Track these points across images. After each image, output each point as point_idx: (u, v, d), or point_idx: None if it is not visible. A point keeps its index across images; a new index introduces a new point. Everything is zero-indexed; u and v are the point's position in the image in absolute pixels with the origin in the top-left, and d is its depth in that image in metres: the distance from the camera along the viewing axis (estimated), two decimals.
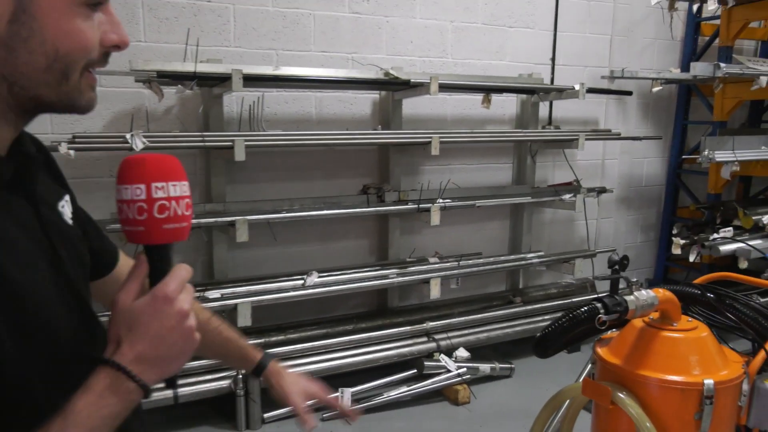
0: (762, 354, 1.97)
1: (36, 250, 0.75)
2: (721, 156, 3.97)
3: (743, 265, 3.79)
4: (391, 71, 3.40)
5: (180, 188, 0.77)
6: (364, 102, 3.71)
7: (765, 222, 3.37)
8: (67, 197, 0.89)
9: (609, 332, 2.17)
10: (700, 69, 3.96)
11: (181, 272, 0.77)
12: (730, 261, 4.14)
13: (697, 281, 2.31)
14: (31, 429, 0.66)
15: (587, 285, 4.49)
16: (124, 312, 0.74)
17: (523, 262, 4.10)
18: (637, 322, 2.00)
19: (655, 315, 2.00)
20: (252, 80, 2.97)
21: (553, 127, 4.28)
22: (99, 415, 0.68)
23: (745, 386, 1.90)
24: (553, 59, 4.27)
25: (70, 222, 0.86)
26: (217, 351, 1.20)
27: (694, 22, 4.72)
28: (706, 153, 3.98)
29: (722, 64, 3.89)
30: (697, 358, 1.85)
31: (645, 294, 1.84)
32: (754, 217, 3.46)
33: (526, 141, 4.10)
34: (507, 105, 4.20)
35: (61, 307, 0.76)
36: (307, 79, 3.18)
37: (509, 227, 4.44)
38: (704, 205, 4.74)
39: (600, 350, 2.01)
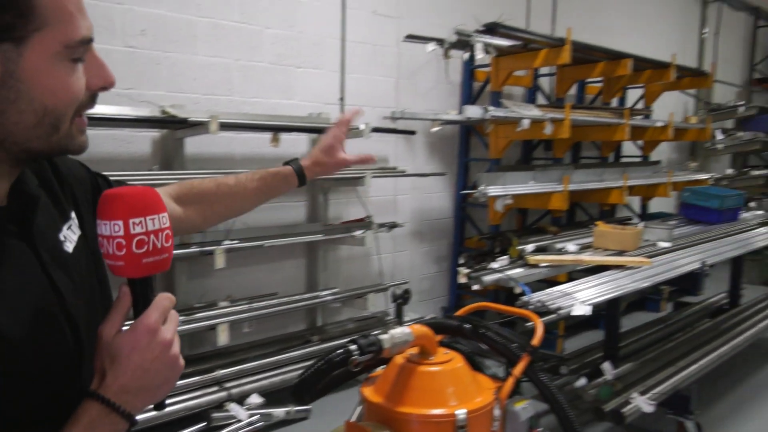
0: (511, 379, 2.12)
1: (30, 292, 0.75)
2: (493, 191, 4.33)
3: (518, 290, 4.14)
4: (169, 109, 3.26)
5: (159, 221, 0.78)
6: (142, 141, 3.51)
7: (528, 251, 3.70)
8: (72, 216, 0.89)
9: (378, 370, 2.20)
10: (471, 112, 4.30)
11: (163, 302, 0.78)
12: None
13: (459, 312, 2.45)
14: None
15: (383, 318, 4.61)
16: (107, 345, 0.76)
17: (317, 300, 4.11)
18: (399, 359, 2.05)
19: (415, 350, 2.07)
20: None
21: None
22: None
23: (497, 411, 2.02)
24: (342, 99, 4.39)
25: (71, 249, 0.85)
26: (260, 198, 1.35)
27: (470, 69, 5.14)
28: (481, 188, 4.31)
29: (490, 108, 4.27)
30: (453, 389, 1.93)
31: (400, 331, 1.89)
32: (518, 247, 3.80)
33: (317, 179, 4.14)
34: (299, 144, 4.22)
35: (54, 345, 0.77)
36: None
37: (305, 265, 4.44)
38: (486, 235, 5.13)
39: (365, 390, 2.03)
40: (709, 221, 4.78)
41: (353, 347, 1.75)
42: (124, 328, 0.78)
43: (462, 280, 4.53)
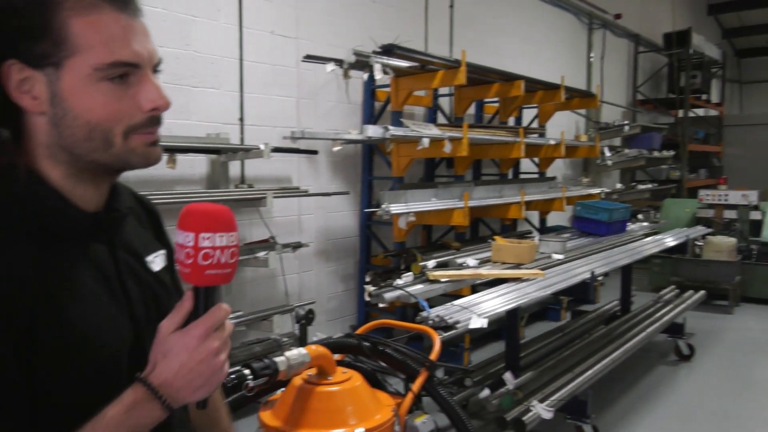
0: (410, 394, 2.14)
1: (103, 290, 0.89)
2: (396, 209, 4.38)
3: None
4: None
5: (227, 239, 0.86)
6: None
7: (430, 267, 3.77)
8: (162, 252, 1.06)
9: (277, 393, 2.16)
10: (372, 131, 4.35)
11: (218, 313, 0.86)
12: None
13: (359, 330, 2.45)
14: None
15: (291, 338, 4.54)
16: (163, 340, 0.85)
17: None
18: (297, 381, 2.02)
19: (313, 371, 2.04)
20: None
21: (247, 186, 4.32)
22: (124, 425, 0.80)
23: (397, 428, 2.03)
24: (241, 119, 4.33)
25: (155, 271, 1.01)
26: None
27: (370, 89, 5.22)
28: (384, 206, 4.36)
29: (391, 127, 4.34)
30: (352, 408, 1.92)
31: (296, 353, 1.87)
32: (421, 263, 3.86)
33: (218, 201, 4.06)
34: (197, 165, 4.12)
35: (117, 340, 0.88)
36: None
37: None
38: (391, 252, 5.18)
39: (263, 415, 1.98)
40: (600, 233, 5.06)
41: (246, 371, 1.71)
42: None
43: (367, 298, 4.56)
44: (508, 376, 3.53)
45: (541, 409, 3.25)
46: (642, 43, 10.85)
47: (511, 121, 6.71)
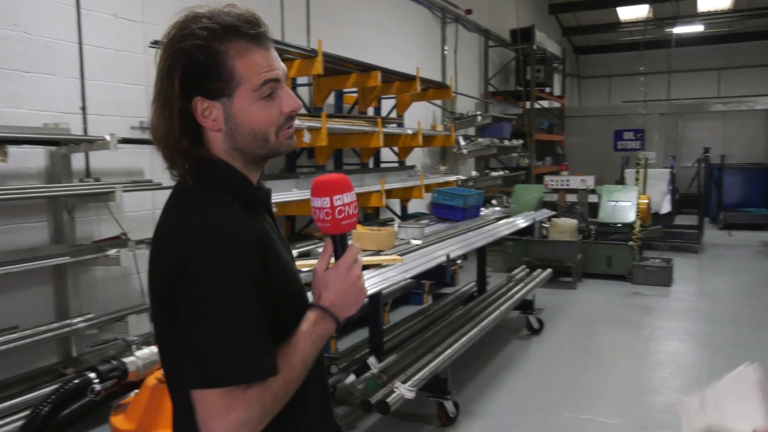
0: None
1: (286, 251, 1.24)
2: None
3: None
4: None
5: (350, 196, 1.19)
6: None
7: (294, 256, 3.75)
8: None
9: (131, 395, 2.05)
10: None
11: (354, 251, 1.21)
12: None
13: None
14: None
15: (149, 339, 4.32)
16: (321, 277, 1.20)
17: (68, 329, 3.71)
18: (151, 381, 1.93)
19: None
20: None
21: (93, 179, 4.03)
22: (313, 334, 1.15)
23: None
24: (83, 108, 4.03)
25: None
26: None
27: None
28: None
29: None
30: None
31: (148, 351, 1.78)
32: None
33: (59, 196, 3.76)
34: (34, 158, 3.79)
35: (299, 284, 1.24)
36: None
37: (53, 292, 3.99)
38: None
39: (115, 419, 1.88)
40: (456, 218, 5.28)
41: (92, 375, 1.61)
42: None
43: None
44: (372, 360, 3.60)
45: (404, 390, 3.35)
46: (491, 38, 11.45)
47: (371, 111, 6.81)
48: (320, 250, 3.84)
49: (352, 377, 3.65)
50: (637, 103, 12.11)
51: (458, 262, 7.52)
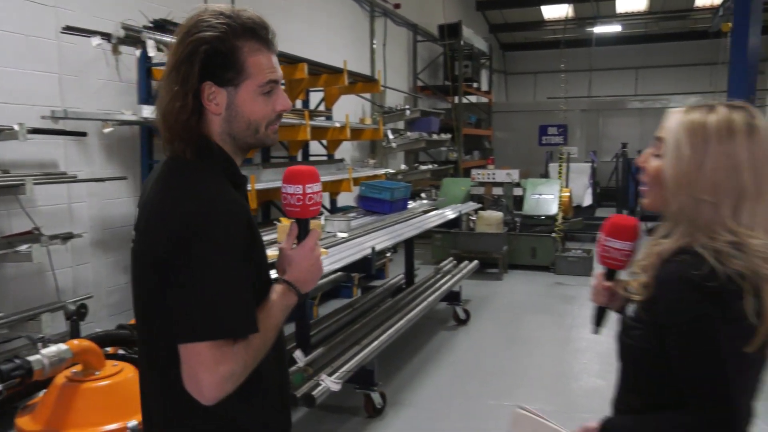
0: None
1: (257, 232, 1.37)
2: None
3: None
4: None
5: (318, 186, 1.38)
6: None
7: None
8: None
9: (39, 395, 1.97)
10: (148, 112, 4.10)
11: (315, 234, 1.40)
12: None
13: (132, 321, 2.30)
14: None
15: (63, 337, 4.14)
16: (286, 256, 1.37)
17: None
18: (59, 379, 1.86)
19: (78, 367, 1.89)
20: None
21: (1, 171, 3.82)
22: (281, 304, 1.31)
23: None
24: None
25: None
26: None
27: (146, 67, 4.90)
28: None
29: None
30: (125, 401, 1.81)
31: (55, 349, 1.71)
32: None
33: None
34: None
35: (265, 254, 1.39)
36: None
37: None
38: None
39: (21, 420, 1.79)
40: (383, 211, 5.30)
41: None
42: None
43: None
44: (298, 354, 3.57)
45: (330, 382, 3.35)
46: (420, 32, 11.55)
47: (299, 104, 6.74)
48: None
49: None
50: (560, 100, 12.53)
51: (387, 254, 7.57)
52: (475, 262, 6.47)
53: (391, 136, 8.51)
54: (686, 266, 1.21)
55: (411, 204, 6.04)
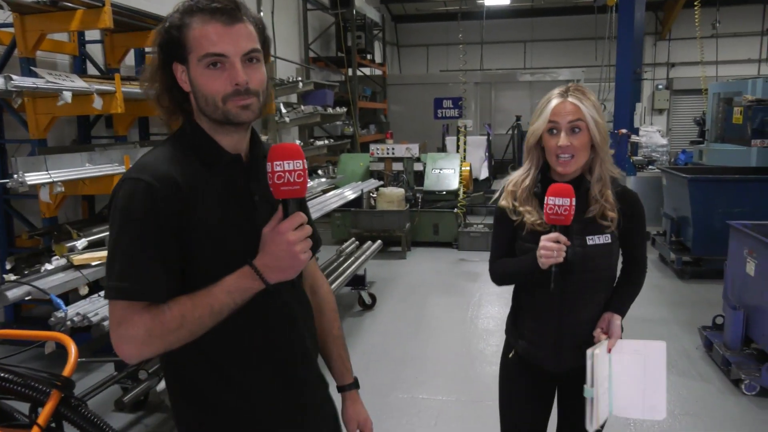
0: (35, 428, 1.59)
1: (233, 202, 1.34)
2: (34, 178, 3.54)
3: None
4: None
5: (294, 165, 1.25)
6: None
7: (80, 247, 3.10)
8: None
9: None
10: None
11: (295, 218, 1.25)
12: None
13: None
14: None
15: None
16: (262, 237, 1.27)
17: None
18: None
19: None
20: None
21: None
22: (232, 286, 1.25)
23: None
24: None
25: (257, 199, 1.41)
26: (326, 354, 1.67)
27: None
28: (17, 176, 3.48)
29: (14, 77, 3.44)
30: None
31: None
32: (69, 244, 3.16)
33: None
34: None
35: (238, 236, 1.32)
36: None
37: None
38: (39, 231, 4.28)
39: None
40: None
41: None
42: None
43: None
44: None
45: None
46: (310, 1, 10.99)
47: None
48: None
49: (163, 384, 3.13)
50: (454, 72, 12.40)
51: None
52: (379, 242, 6.14)
53: (283, 110, 7.97)
54: (629, 190, 1.94)
55: (309, 183, 5.62)
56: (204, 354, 1.33)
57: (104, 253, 3.13)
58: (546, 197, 1.74)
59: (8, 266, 3.98)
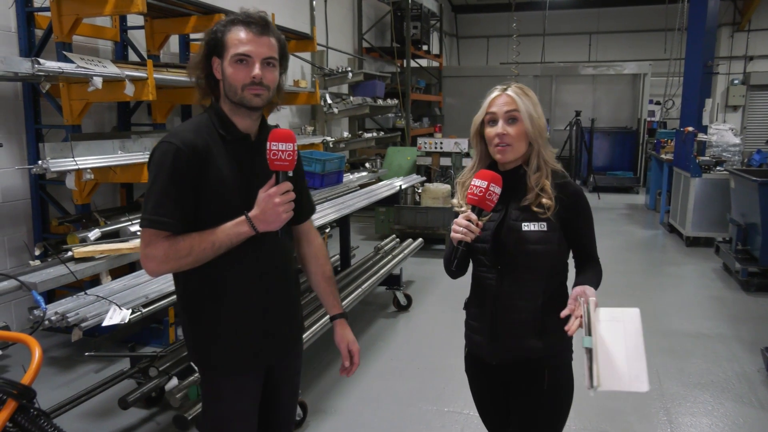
0: None
1: (238, 170, 1.76)
2: (61, 165, 3.50)
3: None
4: None
5: (286, 146, 1.66)
6: None
7: (92, 238, 3.01)
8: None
9: None
10: (19, 65, 3.37)
11: (282, 186, 1.69)
12: None
13: None
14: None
15: None
16: (257, 197, 1.70)
17: None
18: None
19: None
20: None
21: None
22: (230, 230, 1.69)
23: None
24: None
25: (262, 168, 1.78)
26: (320, 290, 2.10)
27: (26, 12, 4.12)
28: (43, 162, 3.44)
29: (42, 61, 3.39)
30: None
31: None
32: (81, 234, 3.08)
33: None
34: None
35: (238, 194, 1.74)
36: None
37: None
38: (69, 218, 4.26)
39: None
40: (314, 186, 4.71)
41: None
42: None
43: None
44: None
45: None
46: None
47: None
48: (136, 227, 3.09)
49: (174, 381, 3.02)
50: (513, 65, 11.98)
51: (326, 230, 6.98)
52: (419, 240, 5.92)
53: (329, 101, 7.82)
54: (572, 182, 1.95)
55: (348, 176, 5.44)
56: (207, 277, 1.76)
57: (107, 247, 3.04)
58: (473, 178, 1.88)
59: (37, 252, 3.98)
